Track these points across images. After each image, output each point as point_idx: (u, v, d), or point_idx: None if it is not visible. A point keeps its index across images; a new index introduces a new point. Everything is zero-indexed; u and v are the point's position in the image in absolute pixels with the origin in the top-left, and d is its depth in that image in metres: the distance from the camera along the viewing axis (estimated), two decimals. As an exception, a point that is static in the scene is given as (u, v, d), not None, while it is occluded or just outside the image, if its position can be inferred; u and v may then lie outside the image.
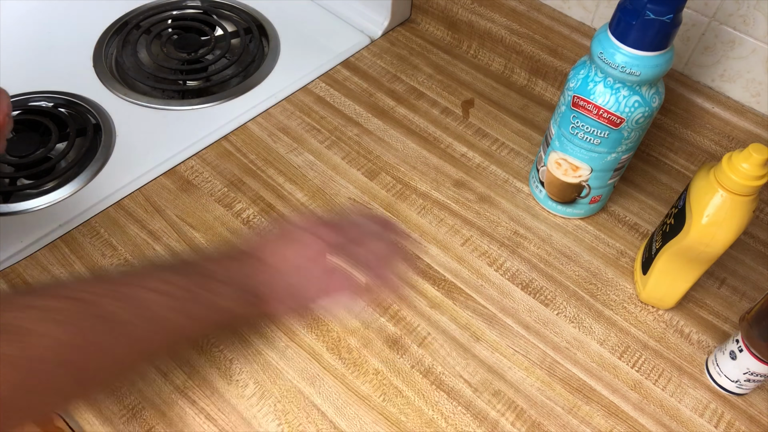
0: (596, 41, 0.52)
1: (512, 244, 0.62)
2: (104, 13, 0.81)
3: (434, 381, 0.53)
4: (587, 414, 0.52)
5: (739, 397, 0.53)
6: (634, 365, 0.55)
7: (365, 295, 0.56)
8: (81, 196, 0.63)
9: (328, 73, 0.77)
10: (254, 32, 0.80)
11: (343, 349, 0.54)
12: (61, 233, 0.60)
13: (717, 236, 0.48)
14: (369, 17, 0.82)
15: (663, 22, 0.47)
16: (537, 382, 0.53)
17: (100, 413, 0.50)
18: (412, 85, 0.76)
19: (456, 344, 0.55)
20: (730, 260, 0.61)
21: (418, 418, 0.51)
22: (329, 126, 0.71)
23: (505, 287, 0.59)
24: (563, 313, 0.57)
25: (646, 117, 0.53)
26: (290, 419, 0.50)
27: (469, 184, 0.67)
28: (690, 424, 0.52)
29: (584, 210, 0.63)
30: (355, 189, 0.65)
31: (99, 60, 0.76)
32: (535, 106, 0.75)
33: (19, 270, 0.57)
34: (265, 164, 0.67)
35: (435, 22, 0.81)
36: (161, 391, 0.51)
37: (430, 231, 0.62)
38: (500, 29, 0.74)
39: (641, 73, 0.50)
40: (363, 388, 0.52)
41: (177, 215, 0.62)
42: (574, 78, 0.55)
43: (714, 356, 0.53)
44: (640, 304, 0.58)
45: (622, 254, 0.62)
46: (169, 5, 0.83)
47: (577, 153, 0.57)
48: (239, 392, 0.51)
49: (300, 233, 0.52)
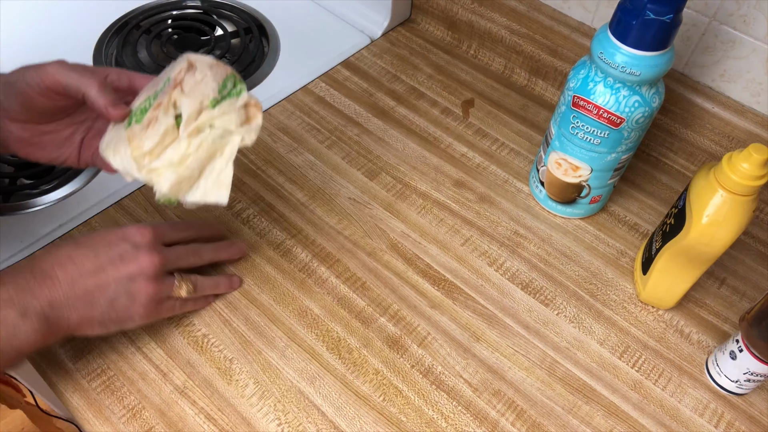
0: (596, 41, 0.52)
1: (512, 244, 0.62)
2: (104, 13, 0.81)
3: (434, 381, 0.53)
4: (587, 414, 0.52)
5: (739, 397, 0.53)
6: (634, 365, 0.55)
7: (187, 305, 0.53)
8: (81, 196, 0.63)
9: (328, 73, 0.77)
10: (254, 32, 0.80)
11: (343, 349, 0.54)
12: (61, 233, 0.60)
13: (717, 236, 0.48)
14: (369, 17, 0.82)
15: (663, 22, 0.47)
16: (537, 382, 0.53)
17: (100, 413, 0.50)
18: (412, 85, 0.76)
19: (456, 344, 0.55)
20: (730, 260, 0.61)
21: (418, 418, 0.51)
22: (329, 126, 0.71)
23: (505, 287, 0.59)
24: (563, 313, 0.57)
25: (646, 117, 0.53)
26: (290, 419, 0.50)
27: (469, 184, 0.67)
28: (690, 424, 0.52)
29: (584, 210, 0.63)
30: (355, 189, 0.65)
31: (99, 60, 0.76)
32: (535, 106, 0.75)
33: (19, 270, 0.57)
34: (265, 164, 0.67)
35: (435, 22, 0.81)
36: (161, 391, 0.51)
37: (430, 231, 0.62)
38: (500, 29, 0.74)
39: (641, 73, 0.50)
40: (363, 388, 0.52)
41: (177, 215, 0.62)
42: (574, 78, 0.55)
43: (714, 356, 0.53)
44: (640, 304, 0.58)
45: (622, 254, 0.62)
46: (169, 5, 0.83)
47: (577, 153, 0.57)
48: (239, 392, 0.51)
49: (102, 235, 0.48)
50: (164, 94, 0.45)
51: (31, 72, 0.45)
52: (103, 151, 0.47)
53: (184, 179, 0.45)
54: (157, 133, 0.44)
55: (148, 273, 0.47)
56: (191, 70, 0.46)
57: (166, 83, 0.46)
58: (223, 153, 0.46)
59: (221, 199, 0.46)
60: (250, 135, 0.46)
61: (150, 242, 0.48)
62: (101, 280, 0.46)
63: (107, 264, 0.46)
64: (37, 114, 0.48)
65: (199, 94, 0.45)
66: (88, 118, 0.51)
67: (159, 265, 0.48)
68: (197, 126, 0.44)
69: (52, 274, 0.44)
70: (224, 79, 0.46)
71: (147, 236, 0.49)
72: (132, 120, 0.45)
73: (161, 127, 0.44)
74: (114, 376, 0.52)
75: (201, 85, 0.45)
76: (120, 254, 0.47)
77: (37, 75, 0.45)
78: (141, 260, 0.47)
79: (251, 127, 0.46)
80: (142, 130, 0.44)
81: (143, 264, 0.47)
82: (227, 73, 0.47)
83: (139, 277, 0.47)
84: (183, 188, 0.46)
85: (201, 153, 0.45)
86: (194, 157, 0.45)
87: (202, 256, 0.54)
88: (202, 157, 0.45)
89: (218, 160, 0.46)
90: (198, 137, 0.45)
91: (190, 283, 0.52)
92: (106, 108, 0.45)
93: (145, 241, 0.48)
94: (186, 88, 0.45)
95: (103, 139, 0.47)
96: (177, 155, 0.44)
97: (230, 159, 0.46)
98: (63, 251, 0.46)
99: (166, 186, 0.45)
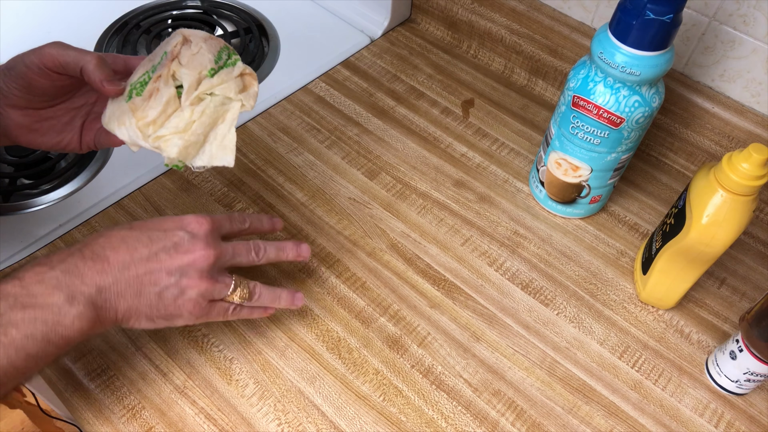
0: (596, 41, 0.52)
1: (512, 244, 0.62)
2: (104, 13, 0.81)
3: (434, 381, 0.53)
4: (587, 414, 0.52)
5: (739, 397, 0.53)
6: (634, 365, 0.55)
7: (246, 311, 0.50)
8: (81, 196, 0.63)
9: (328, 73, 0.77)
10: (254, 32, 0.80)
11: (343, 349, 0.54)
12: (61, 233, 0.60)
13: (717, 236, 0.48)
14: (369, 17, 0.82)
15: (663, 22, 0.47)
16: (537, 382, 0.53)
17: (101, 413, 0.50)
18: (412, 85, 0.76)
19: (456, 344, 0.55)
20: (730, 260, 0.61)
21: (418, 418, 0.51)
22: (329, 126, 0.71)
23: (505, 287, 0.59)
24: (563, 313, 0.57)
25: (646, 117, 0.53)
26: (290, 419, 0.50)
27: (469, 184, 0.67)
28: (690, 424, 0.52)
29: (584, 210, 0.63)
30: (355, 189, 0.65)
31: (99, 60, 0.76)
32: (535, 106, 0.75)
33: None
34: (265, 164, 0.67)
35: (435, 22, 0.81)
36: (161, 391, 0.51)
37: (430, 231, 0.62)
38: (500, 29, 0.74)
39: (641, 73, 0.50)
40: (363, 388, 0.52)
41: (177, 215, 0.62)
42: (574, 78, 0.55)
43: (714, 356, 0.53)
44: (640, 304, 0.58)
45: (622, 254, 0.62)
46: (169, 5, 0.83)
47: (577, 153, 0.57)
48: (239, 392, 0.51)
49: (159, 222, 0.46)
50: (162, 67, 0.46)
51: (29, 55, 0.45)
52: (107, 124, 0.48)
53: (190, 144, 0.46)
54: (159, 102, 0.45)
55: (201, 267, 0.45)
56: (186, 43, 0.47)
57: (164, 57, 0.47)
58: (225, 119, 0.47)
59: (227, 162, 0.47)
60: (249, 101, 0.48)
61: (207, 233, 0.46)
62: (152, 267, 0.43)
63: (161, 251, 0.44)
64: (37, 97, 0.48)
65: (197, 65, 0.46)
66: (87, 102, 0.51)
67: (214, 260, 0.45)
68: (198, 94, 0.46)
69: (103, 256, 0.42)
70: (219, 50, 0.48)
71: (205, 227, 0.46)
72: (132, 93, 0.47)
73: (163, 97, 0.45)
74: (114, 376, 0.52)
75: (198, 57, 0.47)
76: (175, 243, 0.44)
77: (36, 56, 0.45)
78: (196, 252, 0.45)
79: (249, 93, 0.48)
80: (144, 101, 0.46)
81: (197, 256, 0.44)
82: (221, 45, 0.48)
83: (191, 270, 0.44)
84: (191, 153, 0.47)
85: (204, 119, 0.46)
86: (198, 123, 0.46)
87: (263, 254, 0.49)
88: (206, 123, 0.47)
89: (221, 126, 0.47)
90: (200, 105, 0.46)
91: (248, 289, 0.48)
92: (101, 82, 0.45)
93: (202, 231, 0.46)
94: (183, 61, 0.46)
95: (104, 113, 0.48)
96: (182, 123, 0.46)
97: (232, 124, 0.47)
98: (116, 233, 0.44)
99: (175, 151, 0.46)
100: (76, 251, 0.43)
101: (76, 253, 0.42)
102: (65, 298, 0.40)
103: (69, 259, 0.42)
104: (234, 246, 0.48)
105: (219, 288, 0.46)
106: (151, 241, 0.44)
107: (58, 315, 0.40)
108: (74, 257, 0.42)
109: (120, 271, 0.43)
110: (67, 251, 0.43)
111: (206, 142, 0.47)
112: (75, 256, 0.42)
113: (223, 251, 0.46)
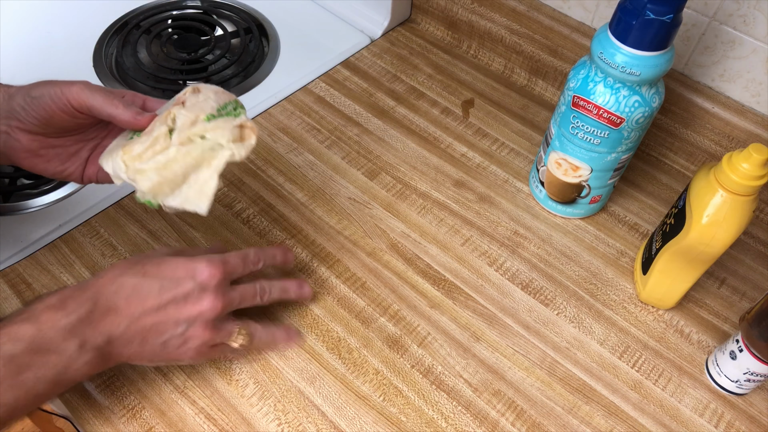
0: (596, 41, 0.52)
1: (512, 244, 0.62)
2: (104, 13, 0.81)
3: (434, 381, 0.53)
4: (587, 414, 0.52)
5: (739, 397, 0.53)
6: (634, 365, 0.55)
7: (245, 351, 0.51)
8: (81, 196, 0.63)
9: (328, 73, 0.77)
10: (254, 32, 0.80)
11: (343, 349, 0.54)
12: (61, 233, 0.60)
13: (717, 236, 0.48)
14: (369, 17, 0.82)
15: (663, 22, 0.47)
16: (537, 382, 0.53)
17: (100, 413, 0.50)
18: (412, 85, 0.76)
19: (456, 344, 0.55)
20: (730, 260, 0.61)
21: (418, 418, 0.51)
22: (329, 126, 0.71)
23: (505, 287, 0.59)
24: (563, 313, 0.57)
25: (646, 117, 0.53)
26: (290, 419, 0.50)
27: (469, 184, 0.67)
28: (690, 424, 0.52)
29: (584, 210, 0.63)
30: (355, 189, 0.65)
31: (99, 60, 0.76)
32: (535, 106, 0.75)
33: (19, 270, 0.57)
34: (265, 164, 0.67)
35: (435, 22, 0.81)
36: (161, 391, 0.51)
37: (430, 231, 0.62)
38: (500, 29, 0.74)
39: (641, 73, 0.50)
40: (363, 388, 0.52)
41: (177, 215, 0.62)
42: (574, 78, 0.55)
43: (714, 356, 0.53)
44: (640, 304, 0.58)
45: (622, 254, 0.62)
46: (169, 5, 0.83)
47: (577, 153, 0.57)
48: (239, 392, 0.51)
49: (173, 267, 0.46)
50: (165, 109, 0.47)
51: (56, 90, 0.46)
52: (100, 159, 0.48)
53: (165, 182, 0.45)
54: (148, 138, 0.45)
55: (207, 318, 0.46)
56: (196, 92, 0.47)
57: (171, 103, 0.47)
58: (211, 165, 0.46)
59: (200, 209, 0.46)
60: (241, 151, 0.46)
61: (218, 284, 0.47)
62: (161, 319, 0.45)
63: (170, 303, 0.45)
64: (53, 129, 0.48)
65: (197, 109, 0.46)
66: (98, 135, 0.52)
67: (221, 310, 0.46)
68: (189, 135, 0.45)
69: (115, 307, 0.44)
70: (226, 102, 0.47)
71: (216, 277, 0.46)
72: (134, 134, 0.47)
73: (153, 133, 0.45)
74: (114, 376, 0.52)
75: (201, 103, 0.46)
76: (185, 294, 0.45)
77: (63, 94, 0.46)
78: (203, 303, 0.46)
79: (243, 144, 0.46)
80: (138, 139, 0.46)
81: (205, 308, 0.46)
82: (230, 99, 0.48)
83: (197, 321, 0.46)
84: (164, 190, 0.45)
85: (189, 160, 0.45)
86: (180, 163, 0.45)
87: (267, 297, 0.51)
88: (188, 164, 0.45)
89: (205, 170, 0.46)
90: (188, 146, 0.45)
91: (248, 335, 0.49)
92: (134, 118, 0.46)
93: (213, 283, 0.46)
94: (187, 105, 0.46)
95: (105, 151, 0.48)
96: (164, 159, 0.45)
97: (217, 171, 0.46)
98: (129, 281, 0.45)
99: (147, 185, 0.45)
100: (88, 298, 0.44)
101: (88, 300, 0.44)
102: (77, 345, 0.42)
103: (84, 306, 0.43)
104: (241, 293, 0.49)
105: (222, 336, 0.48)
106: (162, 292, 0.45)
107: (69, 360, 0.42)
108: (88, 305, 0.43)
109: (130, 322, 0.44)
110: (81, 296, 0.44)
111: (185, 183, 0.46)
112: (88, 303, 0.43)
113: (231, 300, 0.48)
